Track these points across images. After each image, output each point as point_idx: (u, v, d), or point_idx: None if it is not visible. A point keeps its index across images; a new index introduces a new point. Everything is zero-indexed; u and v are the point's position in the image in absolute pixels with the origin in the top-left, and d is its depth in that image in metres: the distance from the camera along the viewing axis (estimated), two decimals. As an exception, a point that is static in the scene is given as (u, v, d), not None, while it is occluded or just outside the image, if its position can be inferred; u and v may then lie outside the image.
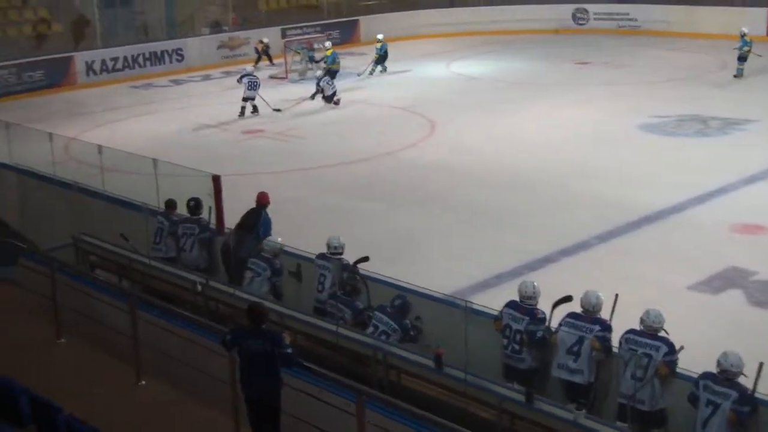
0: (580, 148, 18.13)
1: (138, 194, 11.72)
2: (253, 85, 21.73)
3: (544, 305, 8.07)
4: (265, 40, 28.75)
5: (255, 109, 21.89)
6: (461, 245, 13.14)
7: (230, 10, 31.77)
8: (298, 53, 27.48)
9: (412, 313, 8.57)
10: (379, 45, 26.90)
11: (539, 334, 7.86)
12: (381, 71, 26.80)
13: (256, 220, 10.54)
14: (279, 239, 9.94)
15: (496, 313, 8.16)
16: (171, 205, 11.14)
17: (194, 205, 10.87)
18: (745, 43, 23.93)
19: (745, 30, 24.25)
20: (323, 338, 8.61)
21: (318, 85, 22.80)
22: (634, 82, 24.18)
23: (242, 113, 21.68)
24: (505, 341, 8.01)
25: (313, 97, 22.90)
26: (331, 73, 24.03)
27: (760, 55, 23.84)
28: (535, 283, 8.14)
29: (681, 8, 32.07)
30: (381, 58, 26.83)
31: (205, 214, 10.88)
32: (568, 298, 8.01)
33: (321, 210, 14.46)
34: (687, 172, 16.24)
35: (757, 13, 30.27)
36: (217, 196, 10.88)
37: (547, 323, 7.91)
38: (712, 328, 10.02)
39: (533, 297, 8.05)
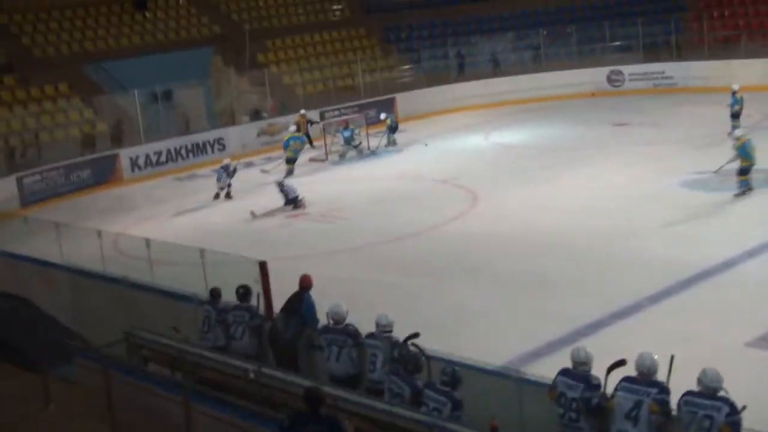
0: (624, 209, 18.05)
1: (187, 285, 11.84)
2: (220, 176, 23.03)
3: (598, 371, 7.95)
4: (303, 112, 29.14)
5: (227, 195, 23.16)
6: (511, 315, 13.07)
7: (268, 97, 32.41)
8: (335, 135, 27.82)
9: (462, 385, 8.48)
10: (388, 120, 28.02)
11: (595, 400, 7.73)
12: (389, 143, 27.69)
13: (299, 303, 10.55)
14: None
15: (549, 382, 8.05)
16: (216, 293, 11.22)
17: (243, 292, 10.88)
18: (736, 101, 23.69)
19: (736, 87, 24.05)
20: (378, 418, 8.53)
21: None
22: (674, 140, 24.12)
23: (216, 197, 23.06)
24: (561, 410, 7.88)
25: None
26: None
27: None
28: (588, 349, 8.03)
29: (717, 63, 32.09)
30: (391, 129, 27.83)
31: (254, 301, 10.93)
32: (622, 362, 7.88)
33: (369, 288, 14.48)
34: (734, 226, 16.08)
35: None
36: (265, 281, 10.94)
37: (602, 389, 7.79)
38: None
39: (586, 363, 7.93)
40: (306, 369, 10.23)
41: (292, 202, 21.18)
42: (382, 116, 29.07)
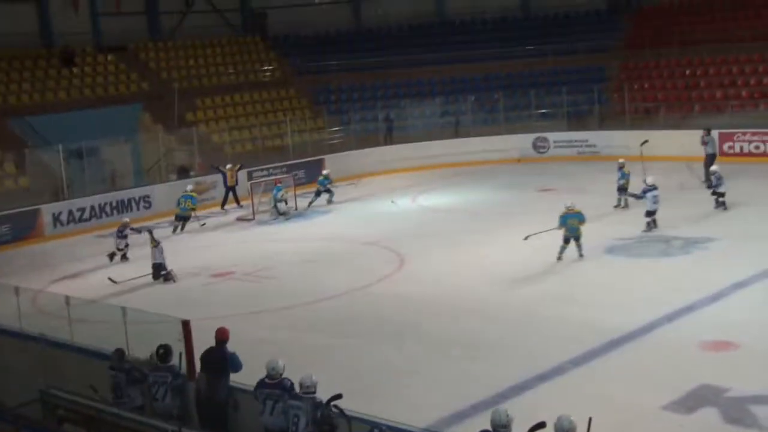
0: (549, 274, 18.35)
1: (108, 343, 11.62)
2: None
3: (519, 433, 8.02)
4: (230, 166, 29.19)
5: (123, 256, 22.61)
6: (436, 376, 13.10)
7: (196, 155, 32.27)
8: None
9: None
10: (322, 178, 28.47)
11: None
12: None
13: (223, 360, 10.43)
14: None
15: (472, 444, 8.09)
16: (119, 354, 11.03)
17: (164, 353, 10.69)
18: (623, 175, 24.42)
19: (622, 161, 24.83)
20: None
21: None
22: (597, 205, 24.58)
23: (111, 257, 22.38)
24: (482, 473, 7.91)
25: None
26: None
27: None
28: (508, 411, 8.10)
29: (637, 133, 32.96)
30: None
31: (175, 360, 10.76)
32: (541, 425, 7.96)
33: (294, 348, 14.33)
34: (654, 292, 16.46)
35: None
36: (188, 341, 10.79)
37: None
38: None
39: (507, 425, 8.00)
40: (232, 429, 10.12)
41: (161, 275, 20.03)
42: (325, 172, 29.17)
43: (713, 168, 23.69)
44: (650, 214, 21.17)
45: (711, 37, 36.62)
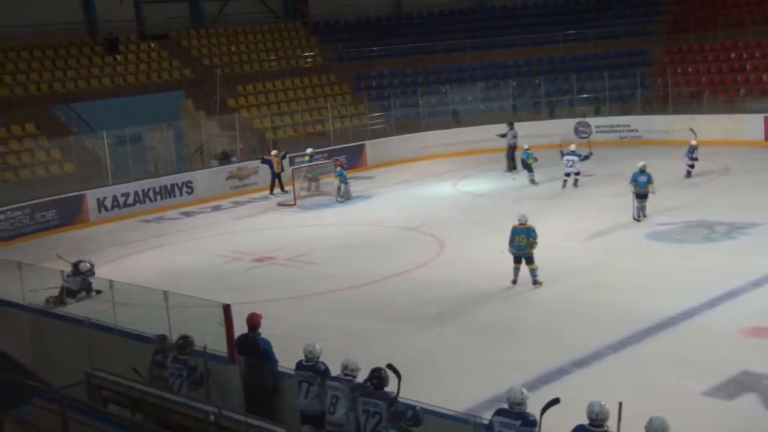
0: (590, 259, 18.25)
1: (150, 327, 11.82)
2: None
3: (547, 414, 8.03)
4: (274, 152, 29.42)
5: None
6: (475, 362, 13.15)
7: (238, 141, 32.53)
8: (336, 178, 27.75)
9: (423, 425, 8.52)
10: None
11: None
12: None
13: (255, 346, 10.57)
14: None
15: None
16: (162, 338, 11.17)
17: (182, 343, 10.73)
18: (528, 155, 27.07)
19: (526, 146, 27.57)
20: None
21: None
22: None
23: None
24: (499, 449, 7.97)
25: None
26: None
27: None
28: (524, 389, 8.16)
29: (681, 117, 32.71)
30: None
31: (211, 345, 10.83)
32: (555, 401, 8.00)
33: (334, 333, 14.46)
34: (695, 277, 16.34)
35: (755, 119, 30.85)
36: (229, 325, 10.95)
37: (538, 427, 7.86)
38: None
39: (522, 402, 8.07)
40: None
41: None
42: (309, 150, 29.26)
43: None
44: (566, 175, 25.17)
45: (756, 18, 36.05)
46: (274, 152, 29.46)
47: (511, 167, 29.74)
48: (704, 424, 9.93)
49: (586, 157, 25.87)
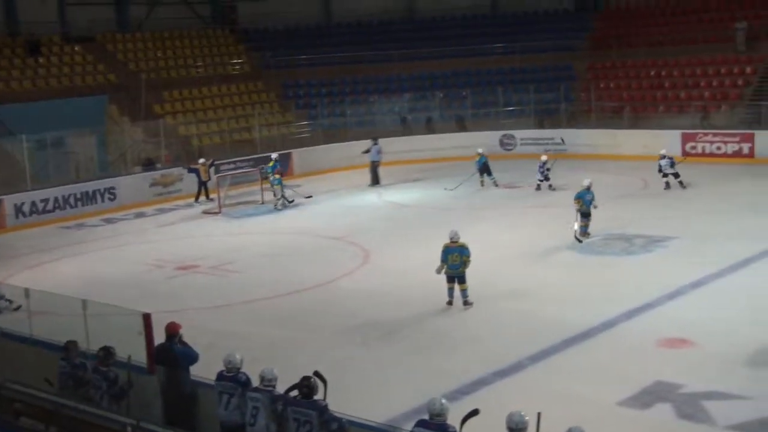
0: (511, 270, 18.50)
1: (67, 337, 11.56)
2: None
3: (467, 425, 8.11)
4: (202, 160, 29.04)
5: None
6: (396, 372, 13.20)
7: (163, 148, 32.13)
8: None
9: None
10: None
11: None
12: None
13: (174, 355, 10.45)
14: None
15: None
16: (70, 346, 10.93)
17: (103, 354, 10.47)
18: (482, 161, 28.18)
19: (480, 150, 28.66)
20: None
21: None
22: (562, 204, 24.83)
23: None
24: (418, 460, 8.02)
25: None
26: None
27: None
28: (444, 400, 8.22)
29: (604, 132, 33.45)
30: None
31: (134, 356, 10.65)
32: (475, 412, 8.08)
33: (257, 343, 14.37)
34: (614, 289, 16.69)
35: (672, 135, 31.69)
36: (148, 334, 10.78)
37: None
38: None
39: (442, 413, 8.13)
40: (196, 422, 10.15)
41: None
42: (273, 156, 29.11)
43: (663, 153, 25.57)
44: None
45: (676, 38, 37.10)
46: (201, 160, 29.15)
47: (375, 182, 29.77)
48: (619, 433, 10.15)
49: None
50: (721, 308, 15.27)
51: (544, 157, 27.54)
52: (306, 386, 8.98)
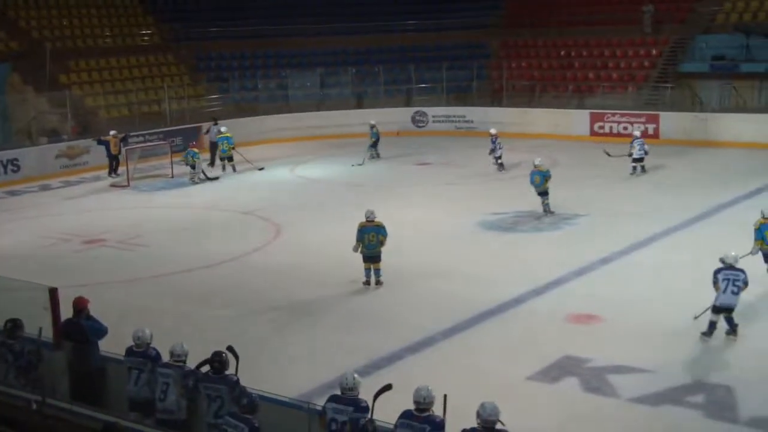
0: (423, 246, 18.63)
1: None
2: None
3: (379, 400, 8.15)
4: (113, 132, 28.17)
5: None
6: (307, 347, 13.19)
7: (69, 119, 31.27)
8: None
9: (259, 412, 8.50)
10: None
11: (362, 421, 7.95)
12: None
13: (80, 329, 10.23)
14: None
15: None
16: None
17: (11, 326, 10.18)
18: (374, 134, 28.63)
19: (373, 122, 28.93)
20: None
21: None
22: (473, 181, 25.14)
23: None
24: (332, 436, 8.06)
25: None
26: None
27: None
28: (356, 375, 8.30)
29: (514, 110, 33.89)
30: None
31: (43, 331, 10.39)
32: (387, 387, 8.13)
33: (167, 317, 14.16)
34: (524, 266, 16.96)
35: (581, 114, 32.30)
36: (55, 309, 10.52)
37: (370, 412, 7.99)
38: (551, 416, 10.37)
39: (354, 388, 8.20)
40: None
41: None
42: (223, 129, 28.74)
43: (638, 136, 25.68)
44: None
45: (586, 19, 37.69)
46: (112, 132, 28.28)
47: (213, 162, 29.17)
48: (528, 406, 10.32)
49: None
50: (627, 285, 15.66)
51: (493, 130, 26.71)
52: (218, 361, 8.93)
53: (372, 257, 15.84)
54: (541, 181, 20.67)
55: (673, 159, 27.08)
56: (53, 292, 10.49)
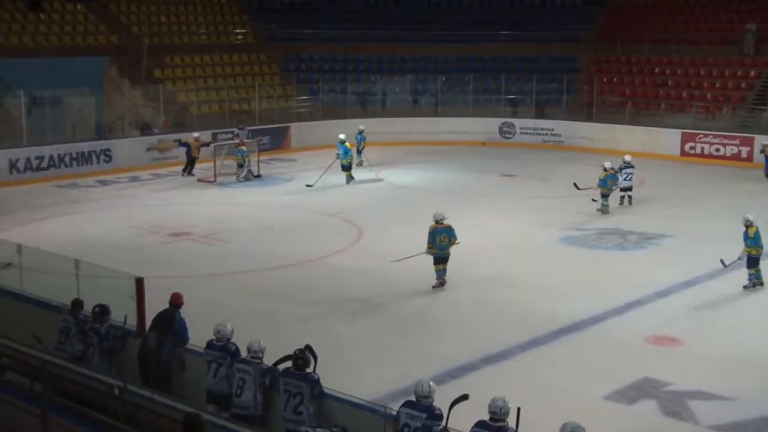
0: (505, 258, 18.48)
1: (57, 295, 11.53)
2: None
3: (454, 409, 8.11)
4: (196, 135, 28.48)
5: None
6: (385, 352, 13.20)
7: (161, 113, 31.96)
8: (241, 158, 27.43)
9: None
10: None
11: (436, 428, 7.92)
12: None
13: (171, 321, 10.42)
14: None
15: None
16: (77, 304, 10.94)
17: (99, 311, 10.55)
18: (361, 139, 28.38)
19: (361, 127, 28.74)
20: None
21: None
22: (558, 195, 24.84)
23: None
24: (406, 441, 8.04)
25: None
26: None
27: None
28: (431, 382, 8.26)
29: (603, 126, 33.43)
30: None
31: (120, 319, 10.62)
32: (464, 397, 8.12)
33: (245, 314, 14.35)
34: (606, 284, 16.68)
35: (672, 134, 31.66)
36: (140, 298, 10.75)
37: (445, 421, 7.95)
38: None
39: (429, 396, 8.17)
40: (176, 389, 10.10)
41: None
42: (342, 136, 27.97)
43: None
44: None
45: (681, 37, 37.00)
46: (195, 135, 28.52)
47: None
48: (604, 427, 10.12)
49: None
50: (710, 309, 15.30)
51: (628, 157, 23.85)
52: (301, 358, 9.04)
53: (444, 258, 16.13)
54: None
55: (765, 184, 26.31)
56: (140, 282, 10.72)
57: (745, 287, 16.20)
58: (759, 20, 35.79)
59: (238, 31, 39.75)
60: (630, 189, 23.46)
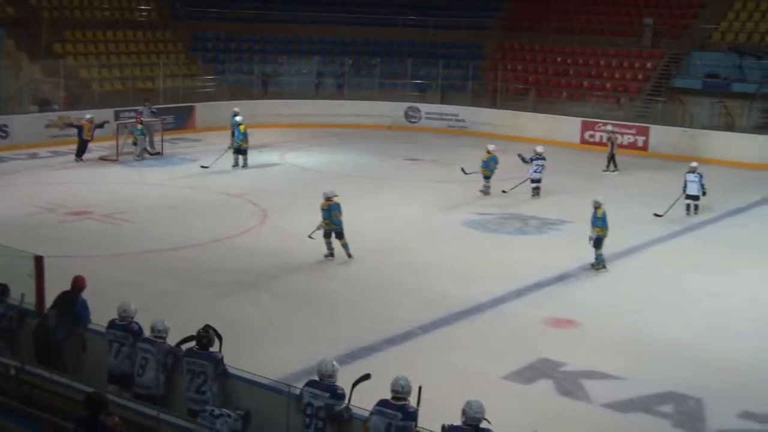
0: (407, 241, 18.73)
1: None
2: None
3: (356, 389, 8.25)
4: (89, 116, 27.14)
5: None
6: (289, 332, 13.29)
7: (61, 89, 31.15)
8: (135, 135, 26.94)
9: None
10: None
11: (338, 408, 8.06)
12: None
13: (73, 303, 10.28)
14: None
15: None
16: None
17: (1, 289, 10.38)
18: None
19: (238, 118, 26.70)
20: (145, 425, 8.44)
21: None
22: (461, 180, 25.18)
23: None
24: (307, 420, 8.14)
25: None
26: None
27: None
28: (335, 362, 8.39)
29: (506, 113, 34.02)
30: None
31: (26, 297, 10.45)
32: (366, 376, 8.27)
33: (148, 294, 14.17)
34: (506, 267, 17.09)
35: (572, 121, 32.44)
36: (39, 278, 10.57)
37: (347, 399, 8.10)
38: (523, 417, 10.48)
39: (332, 375, 8.29)
40: (71, 368, 9.96)
41: None
42: (238, 119, 27.33)
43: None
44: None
45: (584, 28, 37.86)
46: (88, 116, 27.04)
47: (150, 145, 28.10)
48: (502, 405, 10.40)
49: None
50: (606, 292, 15.84)
51: (540, 148, 23.76)
52: (205, 337, 9.04)
53: (342, 232, 17.03)
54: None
55: (660, 172, 27.23)
56: (39, 260, 10.54)
57: (593, 266, 16.93)
58: (656, 15, 36.89)
59: (142, 7, 38.92)
60: (539, 181, 23.37)
